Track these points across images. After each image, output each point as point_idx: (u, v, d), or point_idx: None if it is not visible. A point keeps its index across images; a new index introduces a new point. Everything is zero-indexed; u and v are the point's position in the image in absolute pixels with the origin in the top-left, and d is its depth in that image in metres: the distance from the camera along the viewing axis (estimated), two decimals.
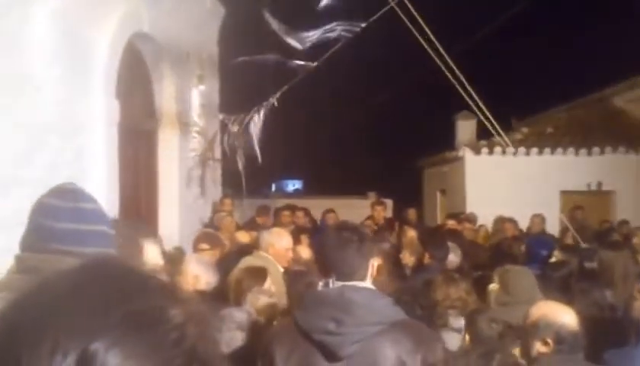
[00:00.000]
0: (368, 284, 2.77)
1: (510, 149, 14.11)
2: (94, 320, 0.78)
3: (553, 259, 6.48)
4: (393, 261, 6.77)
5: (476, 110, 13.29)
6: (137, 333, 0.79)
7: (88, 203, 2.54)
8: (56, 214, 2.47)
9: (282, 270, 5.30)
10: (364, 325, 2.59)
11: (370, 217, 10.37)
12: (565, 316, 3.29)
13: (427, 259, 6.84)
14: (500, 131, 14.00)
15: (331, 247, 2.83)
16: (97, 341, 0.77)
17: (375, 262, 2.84)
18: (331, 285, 2.77)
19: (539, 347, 3.22)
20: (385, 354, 2.56)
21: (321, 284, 2.88)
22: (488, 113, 13.28)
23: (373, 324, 2.60)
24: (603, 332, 3.89)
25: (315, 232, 9.76)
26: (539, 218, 11.13)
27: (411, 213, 11.48)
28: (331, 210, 10.63)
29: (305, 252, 6.29)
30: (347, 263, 2.75)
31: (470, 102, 12.87)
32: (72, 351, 0.76)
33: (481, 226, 10.72)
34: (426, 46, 11.31)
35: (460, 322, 4.24)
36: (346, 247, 2.77)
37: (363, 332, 2.58)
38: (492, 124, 13.63)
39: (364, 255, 2.78)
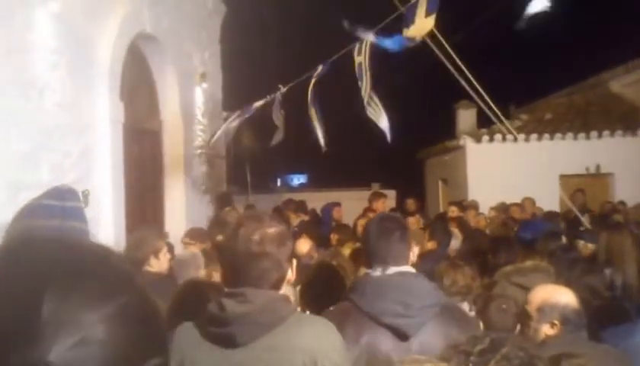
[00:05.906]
0: (412, 269, 3.03)
1: (510, 136, 14.20)
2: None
3: None
4: None
5: (479, 101, 13.29)
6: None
7: (68, 202, 2.61)
8: (32, 212, 2.55)
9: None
10: (426, 307, 2.87)
11: (369, 209, 10.44)
12: (566, 296, 3.34)
13: (430, 246, 6.96)
14: (504, 120, 14.06)
15: (377, 237, 3.05)
16: None
17: (415, 249, 3.14)
18: (379, 273, 2.96)
19: (546, 330, 3.27)
20: (445, 334, 2.79)
21: (369, 272, 3.03)
22: (490, 103, 13.28)
23: (432, 306, 2.88)
24: (602, 311, 3.92)
25: (318, 225, 9.89)
26: (529, 201, 11.27)
27: (410, 204, 11.64)
28: (337, 204, 10.74)
29: (304, 246, 6.38)
30: (393, 250, 3.00)
31: (472, 93, 12.87)
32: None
33: (479, 213, 10.79)
34: (427, 40, 11.30)
35: (464, 307, 4.29)
36: (391, 236, 3.01)
37: (426, 313, 2.86)
38: (496, 114, 13.67)
39: (406, 243, 3.04)
